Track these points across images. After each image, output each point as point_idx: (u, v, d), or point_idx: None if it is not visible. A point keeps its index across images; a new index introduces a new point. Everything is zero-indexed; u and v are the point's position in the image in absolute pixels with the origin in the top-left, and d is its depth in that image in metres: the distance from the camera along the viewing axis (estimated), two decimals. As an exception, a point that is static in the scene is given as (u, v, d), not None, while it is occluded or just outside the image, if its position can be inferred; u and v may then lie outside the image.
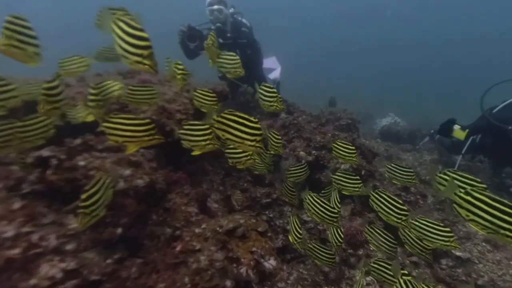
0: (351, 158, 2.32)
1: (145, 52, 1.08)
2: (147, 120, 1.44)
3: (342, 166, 3.39)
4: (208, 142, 1.56)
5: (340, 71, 20.46)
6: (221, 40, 4.62)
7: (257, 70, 5.50)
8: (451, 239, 1.54)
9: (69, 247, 1.40)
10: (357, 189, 2.22)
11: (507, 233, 1.13)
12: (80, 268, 1.35)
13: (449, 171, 1.47)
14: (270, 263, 1.29)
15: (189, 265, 1.25)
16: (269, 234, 1.57)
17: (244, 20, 5.12)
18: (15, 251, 1.22)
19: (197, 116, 2.66)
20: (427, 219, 1.63)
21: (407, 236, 1.96)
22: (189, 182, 2.34)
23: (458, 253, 2.80)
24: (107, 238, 1.71)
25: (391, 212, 1.71)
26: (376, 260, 1.84)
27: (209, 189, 3.00)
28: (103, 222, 1.73)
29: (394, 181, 2.29)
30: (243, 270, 1.20)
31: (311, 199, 1.74)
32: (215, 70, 5.00)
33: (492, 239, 2.97)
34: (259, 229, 1.42)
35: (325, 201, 1.74)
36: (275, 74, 6.46)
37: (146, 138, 1.46)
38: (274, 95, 2.06)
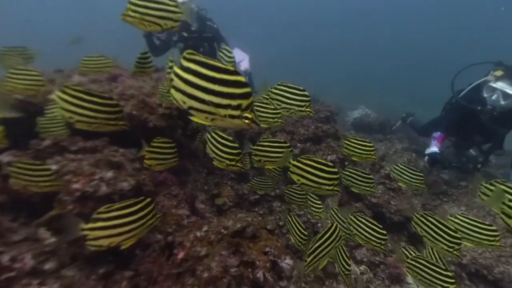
0: (369, 155, 2.07)
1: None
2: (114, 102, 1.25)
3: (329, 158, 3.38)
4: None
5: (311, 69, 20.91)
6: (185, 34, 4.40)
7: None
8: (497, 238, 1.45)
9: (48, 266, 1.18)
10: (369, 189, 2.04)
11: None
12: None
13: (496, 181, 1.36)
14: (287, 262, 1.19)
15: (198, 274, 1.10)
16: (276, 232, 1.46)
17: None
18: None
19: (181, 111, 2.47)
20: (468, 217, 1.53)
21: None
22: (177, 182, 2.16)
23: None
24: (90, 252, 1.50)
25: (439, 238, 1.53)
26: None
27: (194, 189, 2.83)
28: (84, 233, 1.51)
29: (400, 184, 2.15)
30: (259, 274, 1.08)
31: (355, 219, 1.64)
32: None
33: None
34: (268, 227, 1.31)
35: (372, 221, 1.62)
36: (244, 65, 6.26)
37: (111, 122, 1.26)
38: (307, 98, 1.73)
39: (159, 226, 1.74)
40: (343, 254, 1.81)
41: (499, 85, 3.74)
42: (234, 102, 0.82)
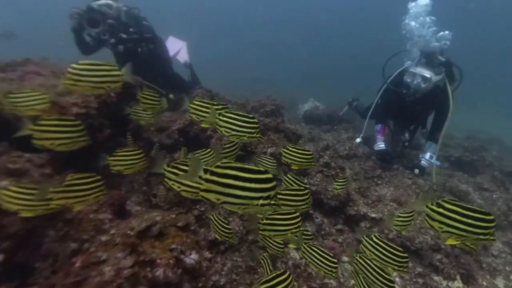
0: (309, 163, 2.09)
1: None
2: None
3: (269, 150, 3.45)
4: None
5: (264, 67, 21.29)
6: (124, 36, 4.12)
7: (168, 68, 5.17)
8: (405, 264, 1.55)
9: None
10: (309, 163, 2.06)
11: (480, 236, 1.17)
12: None
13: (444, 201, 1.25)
14: (192, 257, 1.17)
15: (90, 281, 1.05)
16: (192, 228, 1.44)
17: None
18: None
19: (102, 110, 2.32)
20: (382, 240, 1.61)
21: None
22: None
23: (372, 215, 3.16)
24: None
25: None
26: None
27: (128, 191, 2.70)
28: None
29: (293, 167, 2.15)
30: (159, 272, 1.06)
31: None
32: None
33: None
34: (179, 224, 1.28)
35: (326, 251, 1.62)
36: (183, 56, 6.02)
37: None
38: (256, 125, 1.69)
39: (72, 234, 1.62)
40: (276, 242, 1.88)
41: (418, 70, 4.14)
42: (265, 194, 0.99)
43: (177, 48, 6.14)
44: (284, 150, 2.16)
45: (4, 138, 1.72)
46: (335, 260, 1.64)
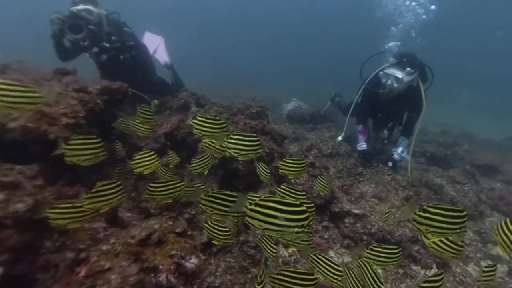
0: (302, 171, 2.30)
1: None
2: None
3: (256, 152, 3.55)
4: None
5: (244, 66, 21.40)
6: (107, 45, 4.05)
7: (152, 73, 5.13)
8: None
9: None
10: (303, 170, 2.26)
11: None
12: None
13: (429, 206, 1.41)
14: (192, 262, 1.25)
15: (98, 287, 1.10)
16: (189, 233, 1.51)
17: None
18: None
19: (90, 119, 2.33)
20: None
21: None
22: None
23: (356, 211, 3.33)
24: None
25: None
26: None
27: (118, 198, 2.70)
28: (-28, 265, 1.36)
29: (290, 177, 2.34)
30: (162, 277, 1.13)
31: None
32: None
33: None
34: (177, 230, 1.35)
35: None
36: (162, 57, 5.83)
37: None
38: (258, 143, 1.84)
39: (68, 244, 1.65)
40: (268, 240, 1.97)
41: (391, 71, 4.39)
42: (300, 224, 1.17)
43: (155, 44, 5.97)
44: (281, 163, 2.33)
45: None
46: (341, 269, 1.69)
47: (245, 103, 5.63)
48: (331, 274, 1.67)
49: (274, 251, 1.97)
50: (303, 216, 1.16)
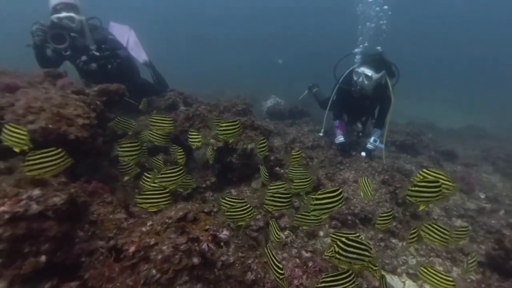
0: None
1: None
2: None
3: (249, 146, 3.79)
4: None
5: (220, 65, 21.46)
6: (96, 53, 4.04)
7: (137, 78, 5.15)
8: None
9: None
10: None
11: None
12: None
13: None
14: (224, 233, 1.49)
15: (152, 258, 1.29)
16: (213, 213, 1.73)
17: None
18: None
19: (100, 118, 2.45)
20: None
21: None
22: (108, 190, 2.20)
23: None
24: (29, 271, 1.50)
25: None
26: None
27: (125, 194, 2.84)
28: (21, 254, 1.50)
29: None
30: (204, 246, 1.35)
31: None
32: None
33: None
34: (205, 210, 1.57)
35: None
36: (140, 55, 5.55)
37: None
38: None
39: (98, 233, 1.81)
40: (274, 226, 2.23)
41: (361, 69, 4.84)
42: (367, 258, 1.51)
43: (125, 35, 5.57)
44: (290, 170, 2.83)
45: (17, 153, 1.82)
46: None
47: (231, 101, 5.85)
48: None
49: (279, 237, 2.23)
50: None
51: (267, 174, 2.99)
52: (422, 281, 2.80)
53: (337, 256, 1.49)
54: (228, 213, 1.57)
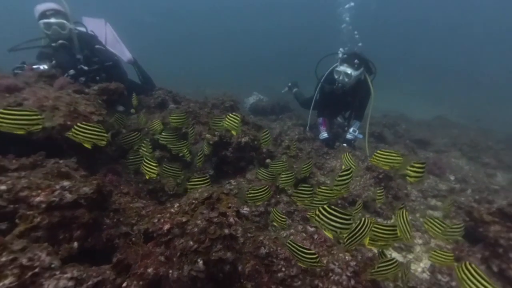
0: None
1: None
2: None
3: (243, 140, 3.98)
4: None
5: (196, 64, 21.39)
6: (85, 68, 4.01)
7: (125, 82, 5.15)
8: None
9: (56, 264, 1.29)
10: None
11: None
12: (83, 275, 1.30)
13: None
14: (246, 209, 1.68)
15: (188, 231, 1.46)
16: (231, 194, 1.92)
17: (90, 32, 4.47)
18: (8, 281, 1.07)
19: (109, 115, 2.55)
20: None
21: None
22: (122, 182, 2.32)
23: (328, 181, 4.01)
24: (64, 257, 1.61)
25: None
26: None
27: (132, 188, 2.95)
28: (56, 240, 1.61)
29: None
30: (231, 219, 1.55)
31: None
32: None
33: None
34: (225, 192, 1.76)
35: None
36: (124, 53, 5.45)
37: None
38: None
39: (122, 220, 1.95)
40: (277, 213, 2.44)
41: (341, 68, 5.19)
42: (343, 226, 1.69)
43: (101, 30, 5.37)
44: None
45: (39, 148, 1.90)
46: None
47: (218, 98, 6.01)
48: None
49: (284, 219, 2.45)
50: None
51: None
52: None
53: (317, 218, 1.68)
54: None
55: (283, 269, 1.82)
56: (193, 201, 1.64)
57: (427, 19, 29.87)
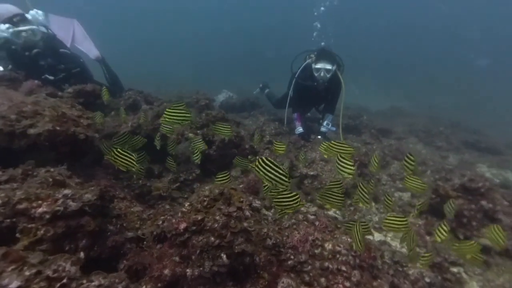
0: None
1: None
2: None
3: (226, 138, 3.99)
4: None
5: (157, 62, 20.63)
6: (51, 77, 3.70)
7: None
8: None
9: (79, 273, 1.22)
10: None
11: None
12: (108, 282, 1.24)
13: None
14: (257, 202, 1.72)
15: (208, 228, 1.47)
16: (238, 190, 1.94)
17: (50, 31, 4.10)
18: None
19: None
20: None
21: None
22: (116, 187, 2.22)
23: (311, 173, 4.20)
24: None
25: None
26: None
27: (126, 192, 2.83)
28: (61, 251, 1.52)
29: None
30: (247, 212, 1.59)
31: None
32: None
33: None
34: (233, 187, 1.79)
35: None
36: (91, 50, 5.16)
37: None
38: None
39: (125, 226, 1.88)
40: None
41: (320, 65, 5.42)
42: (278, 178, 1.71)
43: (68, 29, 5.12)
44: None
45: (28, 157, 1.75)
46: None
47: (192, 96, 5.91)
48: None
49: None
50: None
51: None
52: (386, 231, 3.44)
53: (256, 168, 1.72)
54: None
55: (292, 257, 1.90)
56: (204, 199, 1.65)
57: (386, 17, 32.10)
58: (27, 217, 1.43)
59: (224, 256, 1.44)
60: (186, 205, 1.69)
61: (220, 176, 2.13)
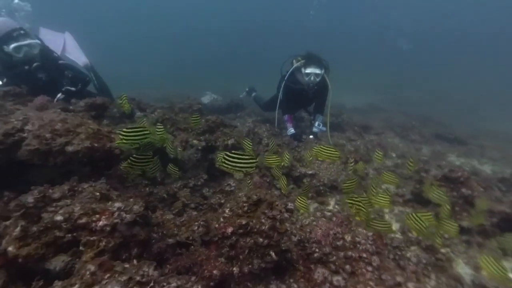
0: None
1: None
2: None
3: (229, 142, 4.14)
4: None
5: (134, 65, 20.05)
6: (72, 88, 3.70)
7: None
8: None
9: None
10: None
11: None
12: (181, 284, 1.38)
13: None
14: (291, 205, 1.92)
15: (256, 229, 1.64)
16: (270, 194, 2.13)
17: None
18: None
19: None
20: None
21: None
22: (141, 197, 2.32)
23: (309, 172, 4.48)
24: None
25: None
26: None
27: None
28: (118, 260, 1.63)
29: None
30: (285, 215, 1.79)
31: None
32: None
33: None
34: (265, 192, 1.98)
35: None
36: (79, 58, 5.15)
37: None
38: None
39: (166, 232, 2.01)
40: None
41: (310, 70, 5.71)
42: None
43: (59, 40, 5.16)
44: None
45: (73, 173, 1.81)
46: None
47: (184, 102, 5.97)
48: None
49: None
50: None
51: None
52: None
53: (224, 165, 1.84)
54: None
55: (317, 250, 2.13)
56: (244, 204, 1.83)
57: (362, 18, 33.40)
58: (88, 230, 1.53)
59: (273, 254, 1.63)
60: (226, 211, 1.85)
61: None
